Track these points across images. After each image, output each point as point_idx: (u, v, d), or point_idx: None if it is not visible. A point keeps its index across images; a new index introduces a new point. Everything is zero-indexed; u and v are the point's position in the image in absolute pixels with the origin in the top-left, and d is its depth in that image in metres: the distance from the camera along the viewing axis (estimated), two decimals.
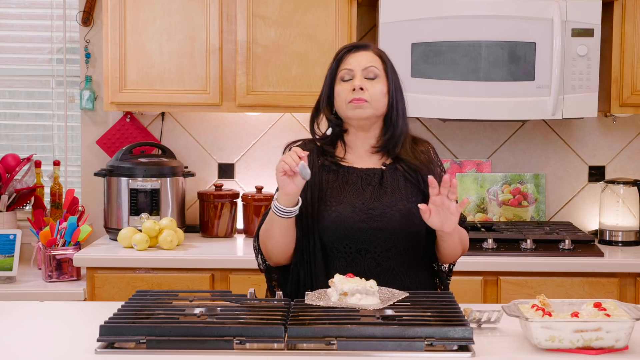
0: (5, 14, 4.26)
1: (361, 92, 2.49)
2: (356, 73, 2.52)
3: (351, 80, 2.52)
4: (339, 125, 2.57)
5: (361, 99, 2.49)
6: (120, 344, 2.07)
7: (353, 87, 2.50)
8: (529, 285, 3.54)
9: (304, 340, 2.04)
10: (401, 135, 2.55)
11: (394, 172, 2.54)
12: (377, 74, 2.53)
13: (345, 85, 2.53)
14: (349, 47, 2.58)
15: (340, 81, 2.54)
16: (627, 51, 3.76)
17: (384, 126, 2.57)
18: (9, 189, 3.93)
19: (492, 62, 3.65)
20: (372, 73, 2.52)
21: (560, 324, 2.05)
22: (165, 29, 3.80)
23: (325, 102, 2.56)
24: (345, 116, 2.54)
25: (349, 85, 2.52)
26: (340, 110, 2.54)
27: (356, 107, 2.50)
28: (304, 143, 2.61)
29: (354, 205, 2.49)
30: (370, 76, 2.52)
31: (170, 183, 3.91)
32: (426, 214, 2.35)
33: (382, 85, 2.52)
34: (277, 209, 2.40)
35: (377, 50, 2.59)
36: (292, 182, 2.36)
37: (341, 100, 2.52)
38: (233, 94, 3.82)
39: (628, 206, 3.91)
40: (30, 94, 4.30)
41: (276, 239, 2.47)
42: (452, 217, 2.35)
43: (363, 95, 2.49)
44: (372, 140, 2.57)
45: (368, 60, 2.54)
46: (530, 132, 4.16)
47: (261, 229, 2.52)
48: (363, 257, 2.48)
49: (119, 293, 3.53)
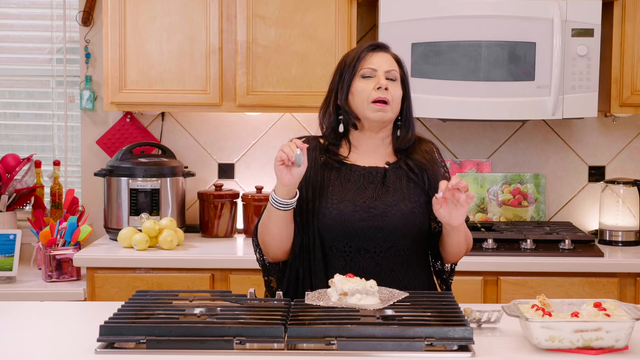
0: (5, 14, 4.26)
1: (386, 92, 2.49)
2: (380, 73, 2.52)
3: (373, 79, 2.51)
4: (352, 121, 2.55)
5: (385, 99, 2.49)
6: (120, 344, 2.07)
7: (378, 85, 2.49)
8: (529, 285, 3.54)
9: (304, 340, 2.04)
10: (413, 136, 2.58)
11: (397, 171, 2.54)
12: (396, 78, 2.54)
13: (367, 82, 2.51)
14: (370, 46, 2.58)
15: (361, 78, 2.53)
16: (627, 51, 3.76)
17: (394, 128, 2.58)
18: (9, 189, 3.93)
19: (492, 62, 3.66)
20: (392, 76, 2.53)
21: (560, 324, 2.05)
22: (165, 29, 3.80)
23: (344, 97, 2.54)
24: (364, 115, 2.52)
25: (371, 83, 2.51)
26: (359, 107, 2.52)
27: (379, 110, 2.49)
28: (308, 140, 2.60)
29: (355, 203, 2.49)
30: (390, 78, 2.53)
31: (170, 183, 3.91)
32: (437, 205, 2.35)
33: (399, 89, 2.54)
34: (275, 201, 2.41)
35: (395, 55, 2.59)
36: (289, 173, 2.36)
37: (363, 97, 2.50)
38: (233, 94, 3.82)
39: (628, 206, 3.91)
40: (30, 94, 4.30)
41: (274, 232, 2.47)
42: (462, 210, 2.34)
43: (387, 95, 2.49)
44: (378, 140, 2.57)
45: (389, 63, 2.54)
46: (530, 132, 4.16)
47: (259, 223, 2.52)
48: (362, 256, 2.48)
49: (119, 293, 3.53)
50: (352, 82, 2.53)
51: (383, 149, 2.58)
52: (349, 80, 2.53)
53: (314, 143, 2.59)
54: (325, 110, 2.59)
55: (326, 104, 2.59)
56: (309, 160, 2.48)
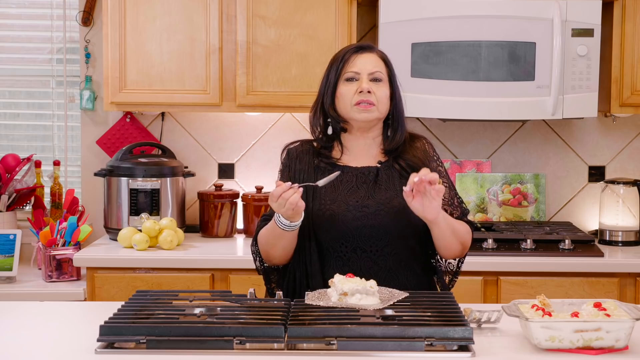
0: (5, 14, 4.26)
1: (369, 95, 2.50)
2: (362, 76, 2.52)
3: (357, 82, 2.52)
4: (340, 124, 2.56)
5: (369, 101, 2.50)
6: (120, 344, 2.07)
7: (360, 89, 2.50)
8: (529, 285, 3.54)
9: (304, 340, 2.04)
10: (403, 136, 2.57)
11: (389, 170, 2.55)
12: (382, 78, 2.54)
13: (350, 86, 2.53)
14: (354, 47, 2.58)
15: (345, 81, 2.54)
16: (627, 51, 3.76)
17: (384, 128, 2.58)
18: (9, 189, 3.93)
19: (492, 62, 3.66)
20: (377, 77, 2.53)
21: (560, 324, 2.05)
22: (165, 29, 3.80)
23: (330, 101, 2.56)
24: (350, 117, 2.54)
25: (354, 86, 2.52)
26: (344, 111, 2.54)
27: (363, 111, 2.50)
28: (301, 144, 2.62)
29: (348, 203, 2.50)
30: (376, 78, 2.53)
31: (170, 183, 3.91)
32: (409, 197, 2.35)
33: (386, 89, 2.54)
34: (285, 225, 2.41)
35: (381, 54, 2.59)
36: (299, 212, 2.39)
37: (346, 101, 2.52)
38: (233, 94, 3.82)
39: (628, 206, 3.91)
40: (30, 94, 4.30)
41: (282, 247, 2.49)
42: (433, 202, 2.34)
43: (370, 97, 2.50)
44: (369, 140, 2.58)
45: (374, 64, 2.54)
46: (530, 132, 4.16)
47: (262, 239, 2.53)
48: (359, 256, 2.48)
49: (119, 293, 3.53)
50: (337, 85, 2.54)
51: (375, 148, 2.59)
52: (334, 85, 2.55)
53: (307, 147, 2.61)
54: (314, 113, 2.60)
55: (315, 107, 2.60)
56: (302, 164, 2.54)
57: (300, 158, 2.59)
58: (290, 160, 2.60)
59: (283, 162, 2.62)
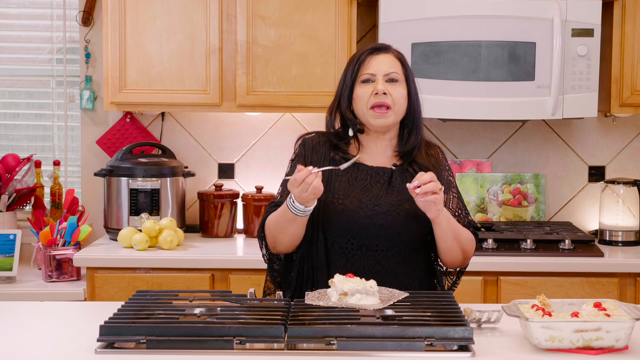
0: (5, 14, 4.26)
1: (384, 97, 2.50)
2: (378, 77, 2.52)
3: (372, 83, 2.52)
4: (357, 126, 2.56)
5: (384, 103, 2.49)
6: (120, 344, 2.07)
7: (376, 90, 2.50)
8: (529, 285, 3.54)
9: (304, 340, 2.04)
10: (418, 137, 2.57)
11: (403, 173, 2.55)
12: (398, 78, 2.53)
13: (366, 87, 2.52)
14: (370, 49, 2.57)
15: (361, 83, 2.53)
16: (627, 51, 3.76)
17: (401, 129, 2.58)
18: (9, 189, 3.93)
19: (492, 62, 3.66)
20: (393, 77, 2.53)
21: (560, 324, 2.05)
22: (165, 29, 3.80)
23: (347, 103, 2.55)
24: (366, 122, 2.54)
25: (370, 88, 2.51)
26: (361, 114, 2.54)
27: (379, 117, 2.50)
28: (317, 135, 2.62)
29: (361, 200, 2.50)
30: (392, 79, 2.52)
31: (170, 183, 3.91)
32: (412, 194, 2.38)
33: (402, 89, 2.53)
34: (299, 210, 2.40)
35: (397, 54, 2.58)
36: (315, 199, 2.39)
37: (362, 103, 2.52)
38: (233, 94, 3.82)
39: (628, 206, 3.91)
40: (30, 94, 4.30)
41: (291, 232, 2.47)
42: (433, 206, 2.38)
43: (386, 99, 2.50)
44: (385, 142, 2.58)
45: (389, 65, 2.54)
46: (530, 132, 4.16)
47: (271, 222, 2.51)
48: (364, 254, 2.49)
49: (119, 293, 3.53)
50: (354, 87, 2.54)
51: (391, 150, 2.60)
52: (350, 87, 2.54)
53: (323, 138, 2.60)
54: (330, 114, 2.60)
55: (332, 108, 2.60)
56: (319, 155, 2.54)
57: (317, 149, 2.58)
58: (306, 150, 2.59)
59: (297, 151, 2.61)
